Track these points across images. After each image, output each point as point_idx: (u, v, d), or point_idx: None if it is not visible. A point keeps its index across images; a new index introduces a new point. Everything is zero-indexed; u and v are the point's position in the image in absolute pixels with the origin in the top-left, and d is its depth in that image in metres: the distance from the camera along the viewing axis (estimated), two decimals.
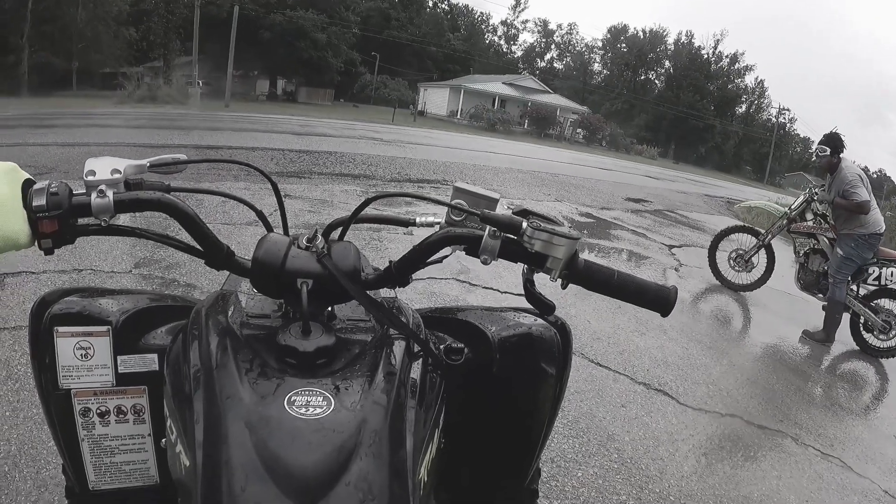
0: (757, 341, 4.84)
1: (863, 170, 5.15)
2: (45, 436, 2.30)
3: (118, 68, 26.59)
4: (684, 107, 52.55)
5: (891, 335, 5.02)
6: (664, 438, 2.86)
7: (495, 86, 44.68)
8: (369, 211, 1.06)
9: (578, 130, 43.51)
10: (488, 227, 0.89)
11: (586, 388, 3.14)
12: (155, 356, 1.08)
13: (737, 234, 6.03)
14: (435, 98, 45.10)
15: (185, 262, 4.30)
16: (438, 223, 1.03)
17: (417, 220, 1.10)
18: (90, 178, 0.86)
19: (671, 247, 7.24)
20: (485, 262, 0.89)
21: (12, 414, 2.44)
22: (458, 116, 39.39)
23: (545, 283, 0.95)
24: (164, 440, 1.16)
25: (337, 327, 0.97)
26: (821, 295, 5.38)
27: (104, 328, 1.04)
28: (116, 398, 1.09)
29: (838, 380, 4.55)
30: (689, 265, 6.37)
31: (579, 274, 0.89)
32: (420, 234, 0.96)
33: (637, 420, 2.98)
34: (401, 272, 0.95)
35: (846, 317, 5.16)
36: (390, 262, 0.96)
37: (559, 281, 0.91)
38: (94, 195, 0.84)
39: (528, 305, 0.99)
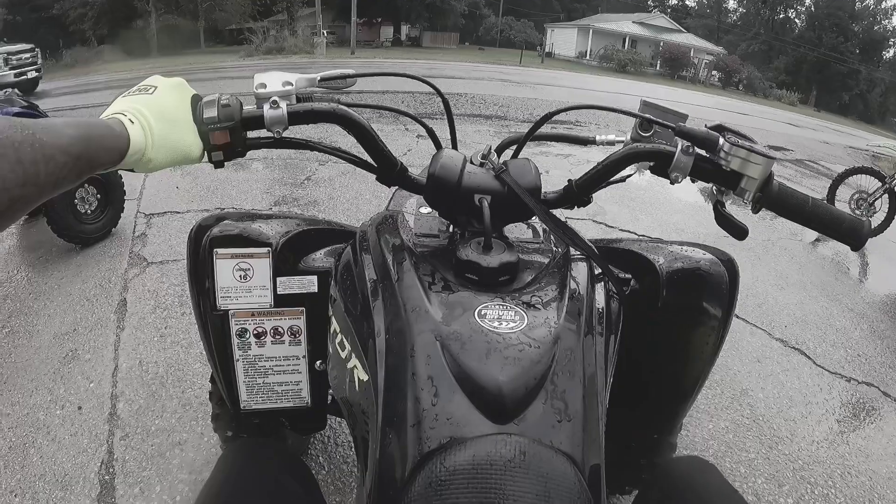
0: (891, 301, 4.46)
1: None
2: (192, 359, 2.47)
3: (243, 24, 27.32)
4: (826, 49, 48.03)
5: None
6: (798, 399, 2.72)
7: (625, 25, 42.20)
8: (545, 129, 1.02)
9: (714, 72, 41.07)
10: (681, 142, 0.81)
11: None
12: (314, 278, 1.09)
13: (859, 175, 5.59)
14: (562, 39, 43.53)
15: (323, 200, 4.41)
16: (621, 141, 0.99)
17: (598, 137, 1.04)
18: (261, 90, 0.83)
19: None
20: (674, 181, 0.83)
21: (160, 339, 2.62)
22: (588, 58, 38.07)
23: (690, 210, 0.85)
24: (319, 363, 1.15)
25: (520, 246, 0.94)
26: None
27: (264, 250, 1.05)
28: (274, 319, 1.10)
29: None
30: None
31: (773, 198, 0.81)
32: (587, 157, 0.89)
33: (772, 377, 2.85)
34: (583, 191, 0.89)
35: None
36: (570, 180, 0.90)
37: (751, 204, 0.83)
38: (266, 107, 0.81)
39: (694, 239, 0.93)
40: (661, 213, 4.79)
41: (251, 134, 0.84)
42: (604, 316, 0.88)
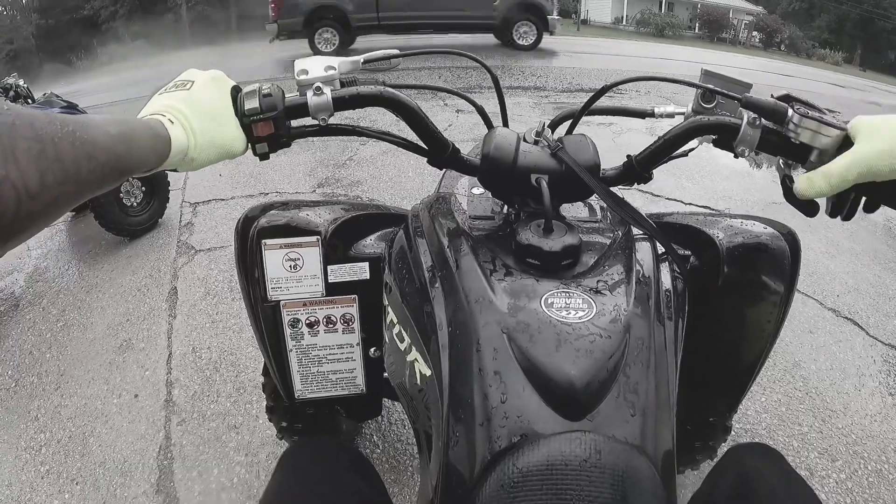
0: None
1: None
2: (244, 343, 2.52)
3: None
4: (870, 6, 46.07)
5: None
6: (851, 371, 2.67)
7: None
8: (600, 102, 0.98)
9: (754, 33, 39.82)
10: (747, 114, 0.77)
11: None
12: (366, 264, 1.07)
13: None
14: (597, 5, 42.41)
15: (366, 180, 4.41)
16: (681, 113, 0.96)
17: (656, 110, 1.01)
18: (302, 77, 0.81)
19: None
20: (740, 155, 0.80)
21: (212, 325, 2.67)
22: (624, 23, 37.26)
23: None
24: (373, 350, 1.15)
25: (580, 227, 0.91)
26: None
27: (313, 238, 1.03)
28: (326, 308, 1.09)
29: None
30: None
31: None
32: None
33: (824, 349, 2.79)
34: (643, 167, 0.86)
35: None
36: (629, 156, 0.87)
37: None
38: (310, 94, 0.78)
39: (742, 207, 0.89)
40: (707, 181, 4.68)
41: (295, 123, 0.82)
42: (671, 298, 0.86)
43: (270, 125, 0.77)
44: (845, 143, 0.75)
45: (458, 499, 0.61)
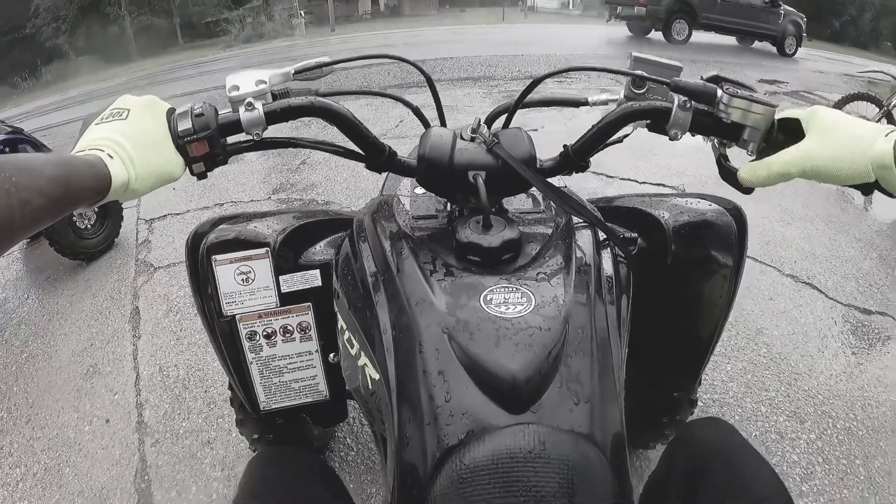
0: None
1: None
2: (210, 358, 2.49)
3: (219, 15, 26.93)
4: None
5: None
6: (814, 334, 2.74)
7: None
8: (535, 94, 0.98)
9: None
10: (677, 97, 0.78)
11: None
12: (317, 272, 1.07)
13: (855, 102, 5.55)
14: None
15: (320, 182, 4.39)
16: (614, 100, 0.95)
17: (590, 98, 1.01)
18: (234, 93, 0.80)
19: None
20: (673, 138, 0.80)
21: (177, 343, 2.65)
22: (571, 7, 37.45)
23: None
24: (332, 355, 1.14)
25: (520, 219, 0.92)
26: None
27: (263, 250, 1.03)
28: (281, 318, 1.09)
29: None
30: None
31: (779, 146, 0.77)
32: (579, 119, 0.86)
33: (786, 314, 2.86)
34: (580, 155, 0.87)
35: None
36: (565, 146, 0.87)
37: (755, 155, 0.80)
38: (242, 109, 0.78)
39: (697, 183, 0.90)
40: (660, 158, 4.74)
41: (231, 139, 0.82)
42: (612, 282, 0.86)
43: (205, 144, 0.76)
44: (796, 128, 0.76)
45: (413, 498, 0.62)
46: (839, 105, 5.60)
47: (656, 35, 13.86)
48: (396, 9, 32.68)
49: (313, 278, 1.08)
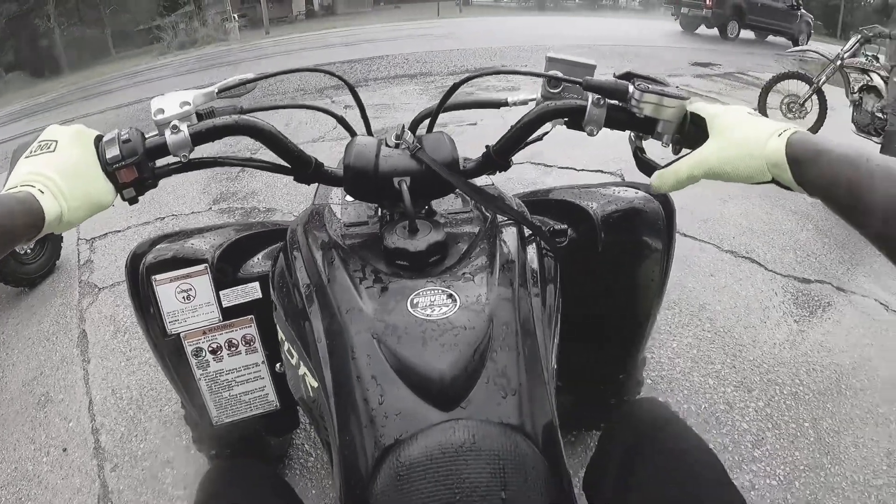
0: None
1: None
2: (161, 376, 2.44)
3: (151, 22, 26.22)
4: None
5: None
6: (755, 306, 2.83)
7: None
8: (456, 96, 0.97)
9: None
10: (591, 95, 0.81)
11: (674, 258, 3.07)
12: (256, 284, 1.09)
13: (787, 81, 5.77)
14: None
15: (261, 190, 4.34)
16: (533, 99, 0.96)
17: (509, 99, 1.02)
18: (159, 116, 0.81)
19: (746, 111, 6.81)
20: (590, 134, 0.83)
21: (127, 363, 2.60)
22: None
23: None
24: (278, 364, 1.16)
25: (448, 221, 0.94)
26: (876, 139, 5.18)
27: (201, 267, 1.04)
28: (226, 332, 1.10)
29: None
30: None
31: (693, 137, 0.80)
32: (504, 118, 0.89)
33: (727, 289, 2.95)
34: (501, 156, 0.89)
35: None
36: (487, 146, 0.89)
37: (671, 147, 0.83)
38: (168, 132, 0.78)
39: (626, 179, 0.92)
40: (596, 148, 4.77)
41: (159, 162, 0.82)
42: (538, 275, 0.90)
43: (134, 170, 0.77)
44: (703, 127, 0.77)
45: (357, 498, 0.64)
46: (772, 84, 5.84)
47: (702, 31, 16.47)
48: (331, 8, 32.30)
49: (253, 291, 1.09)
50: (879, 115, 5.15)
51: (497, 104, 1.04)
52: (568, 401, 1.74)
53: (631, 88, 0.80)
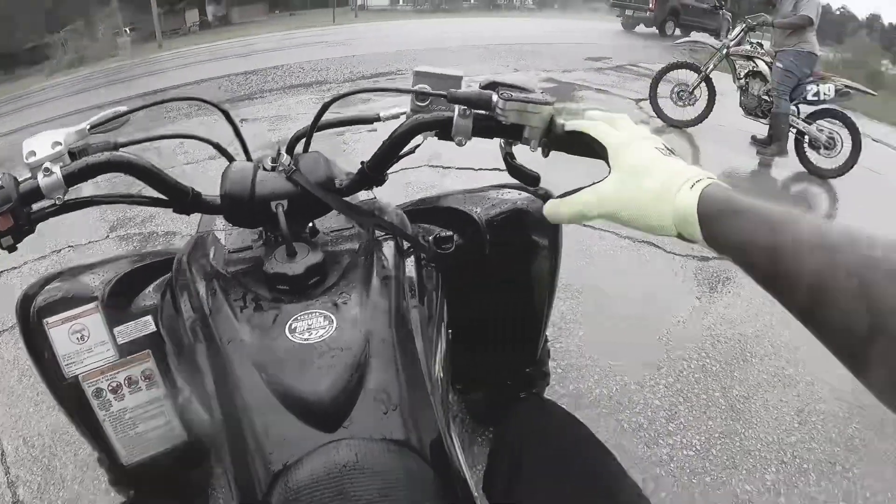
0: (723, 179, 4.84)
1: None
2: None
3: (40, 40, 24.83)
4: None
5: (834, 153, 5.26)
6: (657, 288, 2.97)
7: None
8: (330, 115, 0.97)
9: None
10: (457, 106, 0.82)
11: (574, 248, 3.18)
12: (149, 317, 1.06)
13: (677, 70, 6.04)
14: None
15: (159, 213, 4.21)
16: (404, 113, 0.96)
17: (382, 114, 1.01)
18: (31, 159, 0.78)
19: (637, 100, 7.15)
20: (459, 144, 0.85)
21: (36, 409, 2.48)
22: (401, 3, 37.59)
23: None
24: (180, 397, 1.12)
25: (322, 242, 0.94)
26: (763, 120, 5.65)
27: (92, 305, 1.01)
28: (124, 370, 1.06)
29: (803, 209, 4.68)
30: (656, 115, 6.34)
31: (559, 140, 0.82)
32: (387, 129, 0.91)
33: (628, 273, 3.06)
34: (375, 170, 0.89)
35: (792, 141, 5.47)
36: (362, 163, 0.90)
37: (540, 150, 0.84)
38: (40, 176, 0.76)
39: (510, 181, 0.94)
40: (494, 144, 4.85)
41: (35, 206, 0.79)
42: (420, 286, 0.92)
43: (9, 217, 0.75)
44: (579, 138, 0.77)
45: None
46: (662, 74, 6.07)
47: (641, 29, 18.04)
48: (225, 17, 31.29)
49: (147, 325, 1.06)
50: (766, 97, 5.53)
51: (370, 120, 1.03)
52: (480, 400, 1.79)
53: (495, 97, 0.81)
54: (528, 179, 0.88)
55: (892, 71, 22.50)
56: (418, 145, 0.93)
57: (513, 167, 0.88)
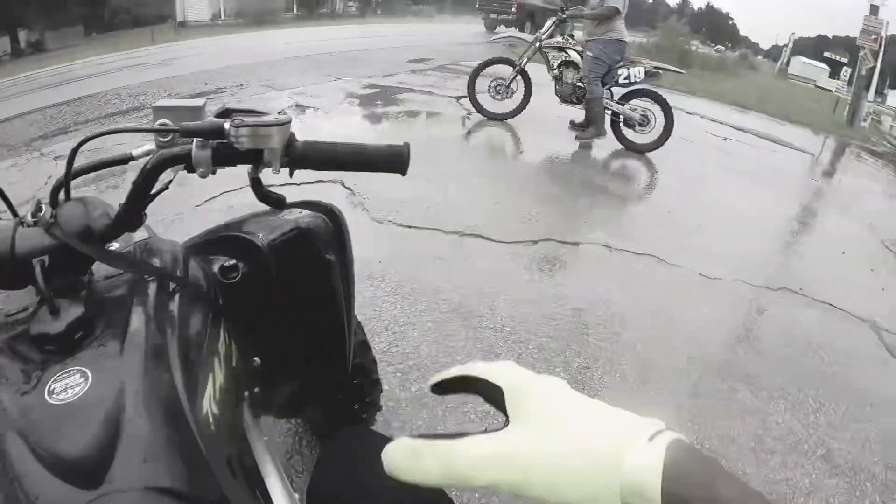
0: (546, 165, 5.22)
1: None
2: None
3: None
4: None
5: (649, 129, 5.78)
6: (486, 278, 3.00)
7: None
8: (84, 159, 0.91)
9: (350, 3, 41.94)
10: (195, 140, 0.82)
11: (402, 251, 3.17)
12: None
13: (494, 66, 6.24)
14: (194, 4, 40.70)
15: None
16: (153, 150, 0.94)
17: (134, 152, 0.97)
18: None
19: (458, 98, 7.29)
20: (202, 176, 0.84)
21: None
22: (223, 17, 36.67)
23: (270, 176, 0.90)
24: None
25: (97, 291, 0.89)
26: (579, 106, 6.04)
27: None
28: None
29: (623, 183, 5.17)
30: (476, 111, 6.50)
31: (300, 157, 0.85)
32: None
33: (456, 268, 3.08)
34: (130, 212, 0.86)
35: (609, 123, 5.88)
36: (120, 205, 0.87)
37: (281, 171, 0.86)
38: None
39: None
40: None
41: None
42: (185, 325, 0.88)
43: None
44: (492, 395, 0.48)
45: None
46: (479, 71, 6.22)
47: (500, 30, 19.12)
48: (39, 43, 29.23)
49: None
50: (579, 84, 5.89)
51: (125, 160, 1.01)
52: (317, 419, 1.77)
53: (227, 125, 0.81)
54: (274, 203, 0.88)
55: (702, 50, 25.02)
56: (170, 180, 0.90)
57: (260, 193, 0.88)
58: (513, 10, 19.59)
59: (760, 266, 3.85)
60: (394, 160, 0.90)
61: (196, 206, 3.40)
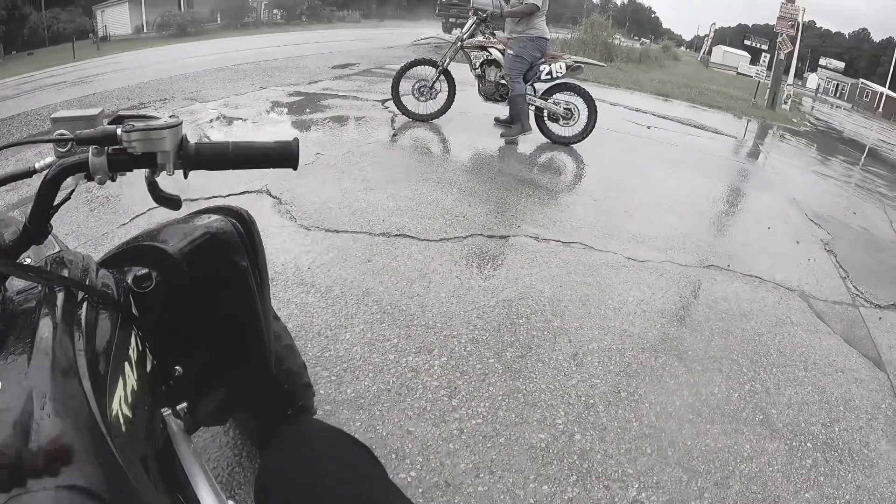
0: (472, 162, 5.25)
1: None
2: None
3: None
4: None
5: (573, 122, 5.97)
6: (416, 276, 3.02)
7: None
8: None
9: (275, 11, 41.49)
10: (91, 147, 0.83)
11: (328, 256, 3.16)
12: None
13: (417, 67, 6.28)
14: (115, 18, 39.45)
15: None
16: (53, 161, 0.94)
17: (36, 165, 1.00)
18: None
19: (384, 101, 7.30)
20: (101, 183, 0.85)
21: None
22: (145, 30, 35.80)
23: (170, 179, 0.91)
24: None
25: (8, 304, 0.90)
26: (503, 103, 6.17)
27: None
28: None
29: (550, 175, 5.25)
30: (401, 112, 6.52)
31: (193, 159, 0.86)
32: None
33: (386, 269, 3.08)
34: (36, 225, 0.87)
35: (533, 118, 6.02)
36: (25, 219, 0.88)
37: (181, 173, 0.87)
38: None
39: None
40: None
41: None
42: (91, 332, 0.89)
43: None
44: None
45: None
46: (402, 73, 6.23)
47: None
48: None
49: None
50: (502, 82, 5.98)
51: (28, 174, 1.00)
52: (254, 426, 1.77)
53: (119, 131, 0.82)
54: (171, 205, 0.90)
55: (625, 43, 25.69)
56: (73, 190, 0.91)
57: (157, 196, 0.89)
58: (469, 13, 20.22)
59: (688, 246, 4.00)
60: (284, 155, 0.92)
61: (122, 224, 3.31)
